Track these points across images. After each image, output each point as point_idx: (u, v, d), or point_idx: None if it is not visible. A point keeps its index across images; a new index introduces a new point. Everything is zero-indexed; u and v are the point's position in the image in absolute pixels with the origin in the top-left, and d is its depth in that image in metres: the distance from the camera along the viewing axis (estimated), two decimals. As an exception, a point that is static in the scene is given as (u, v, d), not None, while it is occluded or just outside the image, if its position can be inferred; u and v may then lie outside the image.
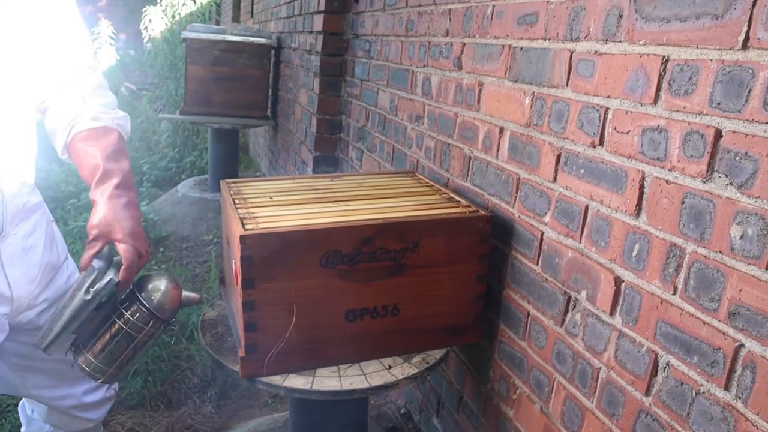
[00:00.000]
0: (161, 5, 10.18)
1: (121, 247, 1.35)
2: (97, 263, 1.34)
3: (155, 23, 9.99)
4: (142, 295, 1.39)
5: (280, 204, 1.53)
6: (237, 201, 1.54)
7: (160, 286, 1.41)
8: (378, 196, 1.64)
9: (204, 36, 4.37)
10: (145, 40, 10.51)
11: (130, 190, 1.40)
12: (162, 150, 6.24)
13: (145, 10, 10.16)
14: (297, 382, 1.40)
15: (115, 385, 1.81)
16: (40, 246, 1.45)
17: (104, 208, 1.35)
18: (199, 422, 2.33)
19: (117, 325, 1.39)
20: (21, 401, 1.90)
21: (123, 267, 1.34)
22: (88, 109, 1.43)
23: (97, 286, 1.33)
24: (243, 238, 1.30)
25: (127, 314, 1.39)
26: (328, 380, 1.41)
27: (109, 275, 1.34)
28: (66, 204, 4.50)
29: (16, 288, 1.39)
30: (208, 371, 2.60)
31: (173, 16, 10.03)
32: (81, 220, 4.13)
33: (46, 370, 1.60)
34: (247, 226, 1.35)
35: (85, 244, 1.37)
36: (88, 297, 1.32)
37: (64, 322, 1.32)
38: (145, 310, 1.39)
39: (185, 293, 1.45)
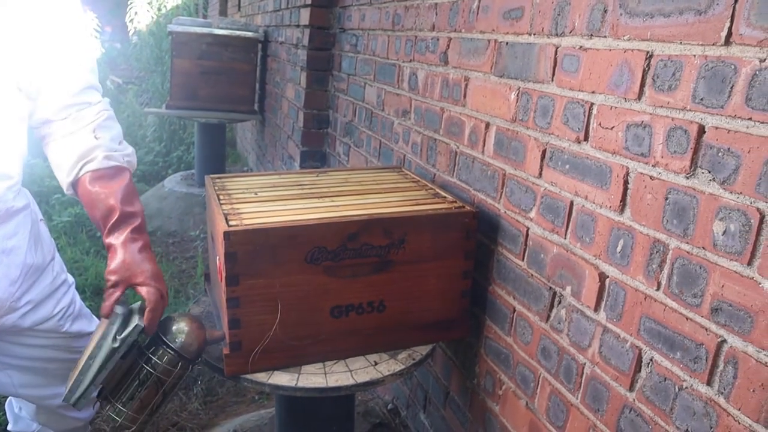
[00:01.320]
0: (147, -2, 10.09)
1: (144, 290, 1.33)
2: (120, 309, 1.33)
3: (141, 16, 9.90)
4: (167, 337, 1.35)
5: (265, 200, 1.52)
6: (221, 197, 1.53)
7: (184, 327, 1.37)
8: (364, 191, 1.63)
9: (190, 29, 4.33)
10: (130, 33, 10.41)
11: (144, 232, 1.40)
12: (148, 144, 6.19)
13: (131, 3, 10.06)
14: (282, 379, 1.40)
15: None
16: (23, 248, 1.42)
17: (122, 253, 1.34)
18: (186, 419, 2.32)
19: (145, 371, 1.34)
20: (8, 399, 1.88)
21: (148, 309, 1.32)
22: (100, 146, 1.40)
23: (123, 334, 1.30)
24: (227, 235, 1.29)
25: (155, 359, 1.34)
26: (313, 377, 1.41)
27: (134, 321, 1.31)
28: (50, 199, 4.45)
29: None
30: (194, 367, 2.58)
31: (159, 9, 9.94)
32: (66, 215, 4.09)
33: (34, 370, 1.58)
34: (231, 223, 1.34)
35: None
36: (116, 345, 1.29)
37: (93, 375, 1.28)
38: (172, 353, 1.34)
39: (209, 331, 1.42)
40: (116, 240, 1.35)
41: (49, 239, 1.57)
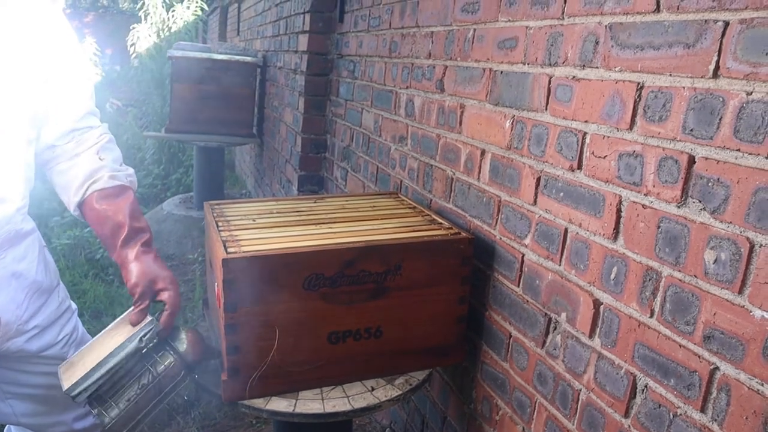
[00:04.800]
0: (147, 23, 10.19)
1: (165, 295, 1.39)
2: (149, 317, 1.37)
3: (142, 40, 10.00)
4: (174, 344, 1.38)
5: (263, 226, 1.54)
6: (220, 223, 1.54)
7: (189, 337, 1.40)
8: (361, 218, 1.64)
9: (190, 54, 4.37)
10: (131, 57, 10.50)
11: (152, 245, 1.46)
12: (147, 167, 6.21)
13: (133, 27, 10.17)
14: (280, 405, 1.40)
15: None
16: (32, 271, 1.43)
17: (139, 265, 1.39)
18: (183, 444, 2.31)
19: (149, 374, 1.35)
20: (6, 427, 1.87)
21: (167, 312, 1.38)
22: (104, 166, 1.46)
23: (147, 335, 1.34)
24: (225, 262, 1.30)
25: (160, 362, 1.36)
26: (311, 403, 1.41)
27: (153, 323, 1.35)
28: (50, 221, 4.46)
29: (4, 313, 1.37)
30: (192, 392, 2.57)
31: (159, 34, 10.04)
32: (65, 237, 4.10)
33: (36, 398, 1.58)
34: (229, 250, 1.35)
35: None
36: (141, 345, 1.33)
37: (106, 370, 1.30)
38: (177, 359, 1.37)
39: (208, 345, 1.45)
40: (130, 254, 1.40)
41: (54, 265, 1.59)
